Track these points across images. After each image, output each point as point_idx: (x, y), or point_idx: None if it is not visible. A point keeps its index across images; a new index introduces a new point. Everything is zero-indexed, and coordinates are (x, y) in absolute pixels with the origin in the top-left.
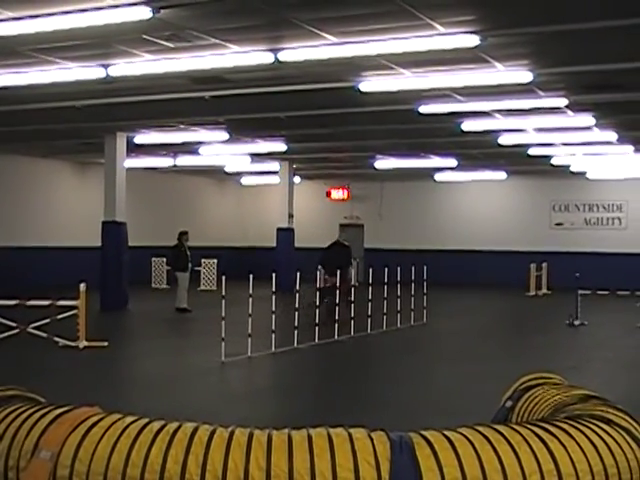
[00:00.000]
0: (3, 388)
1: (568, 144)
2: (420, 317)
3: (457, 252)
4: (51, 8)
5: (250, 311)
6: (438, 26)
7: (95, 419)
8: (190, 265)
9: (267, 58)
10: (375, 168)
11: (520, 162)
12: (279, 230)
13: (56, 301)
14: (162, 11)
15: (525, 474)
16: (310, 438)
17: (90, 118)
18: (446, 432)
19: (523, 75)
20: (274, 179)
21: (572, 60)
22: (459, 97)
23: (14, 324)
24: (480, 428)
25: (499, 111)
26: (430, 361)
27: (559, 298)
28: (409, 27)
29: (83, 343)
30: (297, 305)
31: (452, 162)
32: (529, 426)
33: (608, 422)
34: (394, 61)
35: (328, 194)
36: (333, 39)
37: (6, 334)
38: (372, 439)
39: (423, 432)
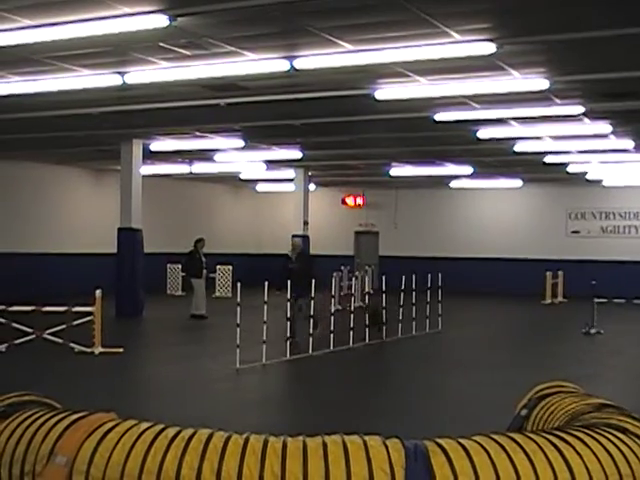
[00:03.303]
0: (19, 393)
1: (584, 152)
2: (435, 325)
3: (472, 260)
4: (68, 16)
5: (265, 318)
6: (454, 34)
7: (110, 425)
8: (205, 272)
9: (283, 66)
10: (390, 175)
11: (536, 170)
12: (294, 237)
13: (72, 307)
14: (179, 19)
15: None
16: (325, 445)
17: (106, 125)
18: (461, 440)
19: (539, 83)
20: (289, 186)
21: (589, 68)
22: (475, 105)
23: (30, 330)
24: (495, 436)
25: (515, 119)
26: (445, 369)
27: (575, 306)
28: (425, 35)
29: (99, 349)
30: (312, 312)
31: (468, 170)
32: (545, 435)
33: (624, 431)
34: (410, 69)
35: (343, 201)
36: (349, 47)
37: (22, 340)
38: (387, 447)
39: (438, 440)
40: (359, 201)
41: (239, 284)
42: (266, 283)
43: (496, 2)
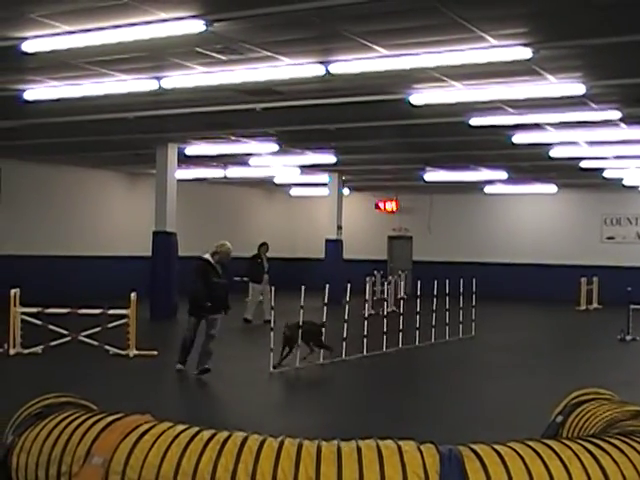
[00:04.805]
0: (57, 395)
1: (621, 157)
2: (469, 330)
3: (506, 265)
4: (106, 22)
5: (300, 322)
6: (490, 39)
7: (146, 427)
8: (266, 277)
9: (318, 70)
10: (424, 180)
11: (571, 175)
12: (328, 241)
13: (107, 310)
14: (215, 24)
15: None
16: (359, 450)
17: (142, 129)
18: (496, 446)
19: (576, 88)
20: (323, 191)
21: (626, 72)
22: (510, 109)
23: (66, 332)
24: (530, 443)
25: (551, 124)
26: (479, 375)
27: (610, 313)
28: (461, 40)
29: (133, 352)
30: (346, 317)
31: (502, 175)
32: (580, 441)
33: None
34: (445, 73)
35: (377, 206)
36: (384, 51)
37: (58, 342)
38: (421, 452)
39: (473, 446)
40: (393, 206)
41: (273, 288)
42: (302, 287)
43: (532, 6)
